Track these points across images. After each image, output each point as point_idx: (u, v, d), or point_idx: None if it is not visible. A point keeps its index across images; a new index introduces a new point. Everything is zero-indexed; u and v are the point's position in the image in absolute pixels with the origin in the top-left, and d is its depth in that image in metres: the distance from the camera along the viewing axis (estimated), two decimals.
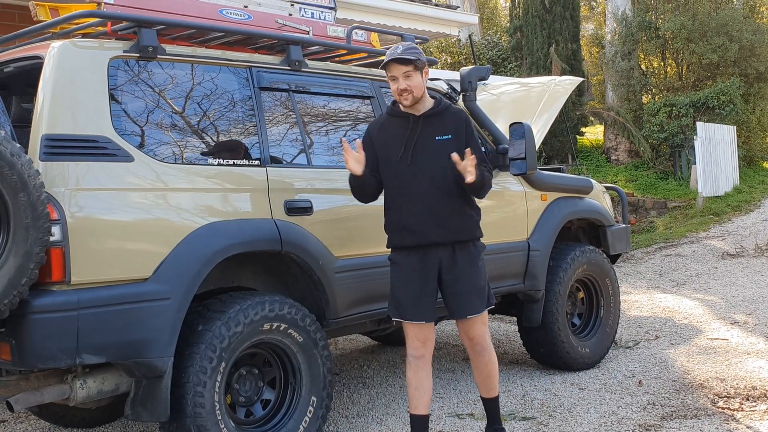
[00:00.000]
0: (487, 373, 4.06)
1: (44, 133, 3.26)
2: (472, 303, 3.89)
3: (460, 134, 3.88)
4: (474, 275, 3.89)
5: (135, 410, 3.51)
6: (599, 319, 5.90)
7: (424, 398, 3.91)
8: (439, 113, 3.90)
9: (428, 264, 3.85)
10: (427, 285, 3.86)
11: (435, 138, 3.86)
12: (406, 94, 3.80)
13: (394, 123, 3.93)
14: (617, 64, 17.29)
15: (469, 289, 3.88)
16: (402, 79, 3.79)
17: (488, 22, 26.54)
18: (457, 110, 3.97)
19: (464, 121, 3.93)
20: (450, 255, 3.86)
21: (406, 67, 3.77)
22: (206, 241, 3.57)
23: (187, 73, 3.85)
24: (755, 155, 17.44)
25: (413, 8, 10.50)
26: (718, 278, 9.43)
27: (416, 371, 3.91)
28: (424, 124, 3.88)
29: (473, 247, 3.93)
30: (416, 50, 3.81)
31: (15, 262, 3.00)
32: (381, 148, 3.93)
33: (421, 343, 3.89)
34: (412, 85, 3.79)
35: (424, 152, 3.85)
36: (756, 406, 4.73)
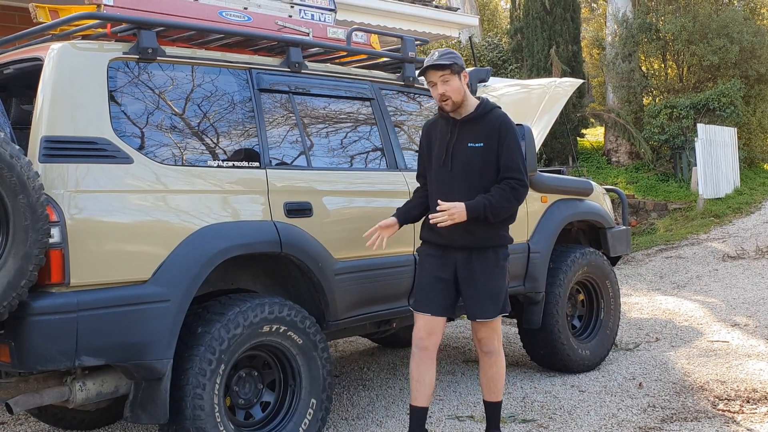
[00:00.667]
0: (491, 376, 4.08)
1: (44, 134, 3.26)
2: (484, 308, 3.95)
3: (494, 142, 3.88)
4: (489, 281, 3.94)
5: (134, 412, 3.51)
6: (599, 322, 5.90)
7: (424, 391, 3.97)
8: (477, 119, 3.92)
9: (446, 263, 3.96)
10: (440, 282, 3.95)
11: (468, 144, 3.90)
12: (446, 99, 3.87)
13: (440, 124, 4.03)
14: (618, 66, 17.28)
15: (482, 293, 3.93)
16: (440, 83, 3.85)
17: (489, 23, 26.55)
18: (497, 117, 3.93)
19: (500, 128, 3.89)
20: (466, 258, 3.93)
21: (442, 72, 3.82)
22: (206, 243, 3.57)
23: (186, 74, 3.85)
24: (756, 157, 17.43)
25: (413, 10, 10.50)
26: (719, 280, 9.42)
27: (419, 363, 3.96)
28: (461, 128, 3.93)
29: (492, 254, 3.96)
30: (452, 55, 3.86)
31: (14, 264, 3.00)
32: (426, 147, 4.08)
33: (426, 334, 3.96)
34: (450, 89, 3.84)
35: (458, 157, 3.91)
36: (756, 409, 4.73)
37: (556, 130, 15.29)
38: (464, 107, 3.93)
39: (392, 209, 4.43)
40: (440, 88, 3.86)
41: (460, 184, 3.89)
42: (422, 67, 3.90)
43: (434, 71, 3.84)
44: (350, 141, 4.53)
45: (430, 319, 3.96)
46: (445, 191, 3.91)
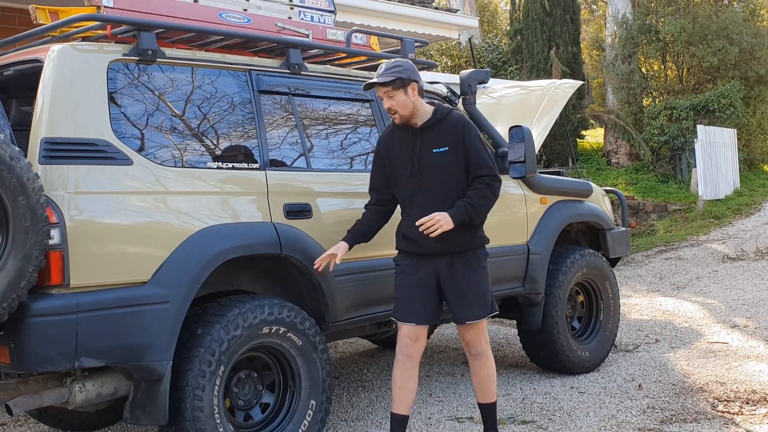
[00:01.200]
0: (483, 378, 4.08)
1: (43, 136, 3.26)
2: (471, 310, 3.93)
3: (458, 144, 3.87)
4: (473, 283, 3.92)
5: (134, 414, 3.51)
6: (599, 323, 5.90)
7: (406, 398, 3.98)
8: (436, 124, 3.91)
9: (425, 271, 3.93)
10: (422, 290, 3.93)
11: (432, 151, 3.88)
12: (392, 113, 3.88)
13: (399, 135, 3.98)
14: (617, 67, 17.30)
15: (468, 296, 3.92)
16: (385, 98, 3.85)
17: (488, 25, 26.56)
18: (455, 119, 3.92)
19: (461, 129, 3.89)
20: (448, 264, 3.91)
21: (385, 88, 3.82)
22: (205, 245, 3.57)
23: (186, 76, 3.85)
24: (756, 158, 17.44)
25: (413, 11, 10.51)
26: (719, 282, 9.42)
27: (403, 370, 3.97)
28: (422, 136, 3.90)
29: (473, 255, 3.95)
30: (398, 68, 3.82)
31: (14, 266, 3.00)
32: (387, 161, 4.01)
33: (411, 341, 3.96)
34: (396, 104, 3.83)
35: (424, 165, 3.88)
36: (756, 410, 4.73)
37: (556, 131, 15.30)
38: (419, 116, 3.90)
39: None
40: (386, 103, 3.85)
41: (435, 192, 3.87)
42: (367, 83, 3.90)
43: (378, 87, 3.84)
44: (350, 142, 4.54)
45: (414, 328, 3.95)
46: (422, 201, 3.88)
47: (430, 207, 3.84)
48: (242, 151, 3.95)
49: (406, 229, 3.95)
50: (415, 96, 3.87)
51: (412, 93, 3.85)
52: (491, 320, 7.78)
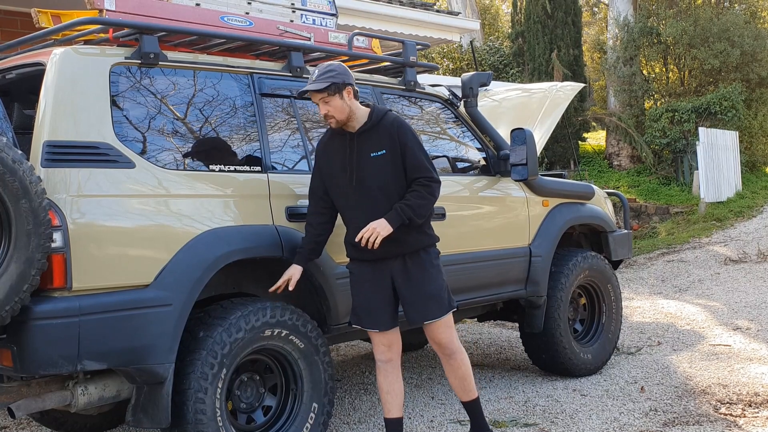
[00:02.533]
0: (461, 375, 4.04)
1: (46, 139, 3.27)
2: (428, 309, 3.88)
3: (395, 146, 3.80)
4: (427, 281, 3.87)
5: (136, 416, 3.51)
6: (601, 325, 5.89)
7: (396, 401, 3.98)
8: (372, 128, 3.84)
9: (380, 275, 3.89)
10: (380, 295, 3.90)
11: (370, 155, 3.81)
12: (329, 119, 3.80)
13: (335, 141, 3.91)
14: (619, 70, 17.30)
15: (423, 295, 3.87)
16: (321, 105, 3.78)
17: (490, 27, 26.58)
18: (390, 121, 3.84)
19: (397, 131, 3.81)
20: (401, 265, 3.87)
21: (320, 95, 3.74)
22: (207, 248, 3.57)
23: (188, 79, 3.86)
24: (757, 161, 17.42)
25: (415, 14, 10.52)
26: (721, 284, 9.41)
27: (386, 375, 3.97)
28: (359, 141, 3.84)
29: (424, 254, 3.90)
30: (331, 73, 3.72)
31: (17, 269, 3.00)
32: (324, 166, 3.92)
33: (386, 348, 3.96)
34: (332, 109, 3.76)
35: (363, 170, 3.82)
36: (758, 413, 4.72)
37: (558, 134, 15.30)
38: (355, 119, 3.82)
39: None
40: (322, 109, 3.78)
41: (375, 196, 3.80)
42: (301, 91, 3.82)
43: (313, 94, 3.75)
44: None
45: (384, 333, 3.94)
46: (362, 206, 3.82)
47: (377, 211, 3.78)
48: (244, 154, 3.96)
49: (351, 236, 3.88)
50: (351, 99, 3.79)
51: (348, 97, 3.77)
52: (493, 323, 7.78)
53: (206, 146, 3.85)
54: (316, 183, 3.95)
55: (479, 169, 5.19)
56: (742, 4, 18.86)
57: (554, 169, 15.85)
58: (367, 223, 3.78)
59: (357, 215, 3.85)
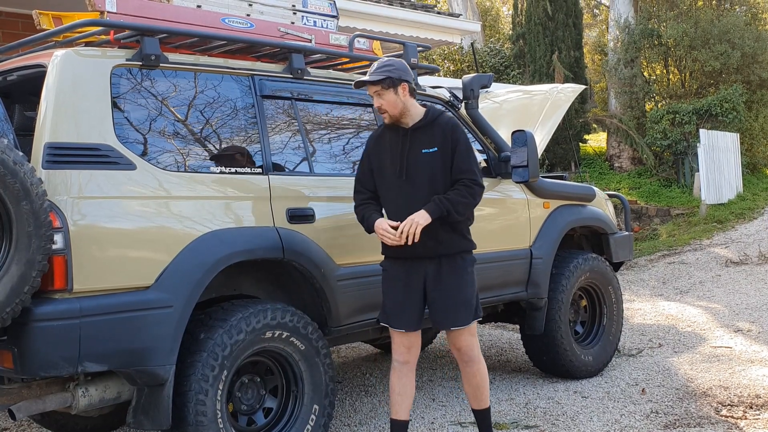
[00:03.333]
0: (476, 384, 4.04)
1: (47, 141, 3.27)
2: (458, 315, 3.88)
3: (447, 145, 3.84)
4: (460, 287, 3.87)
5: (137, 418, 3.51)
6: (602, 327, 5.89)
7: (406, 403, 3.96)
8: (427, 125, 3.88)
9: (413, 275, 3.88)
10: (411, 295, 3.89)
11: (422, 151, 3.85)
12: (382, 112, 3.86)
13: (389, 135, 3.95)
14: (620, 72, 17.30)
15: (455, 301, 3.87)
16: (375, 98, 3.84)
17: (491, 29, 26.59)
18: (446, 121, 3.90)
19: (451, 131, 3.86)
20: (436, 268, 3.86)
21: (375, 87, 3.80)
22: (208, 249, 3.57)
23: (189, 81, 3.86)
24: (758, 163, 17.42)
25: (416, 16, 10.53)
26: (722, 286, 9.40)
27: (400, 377, 3.95)
28: (412, 137, 3.87)
29: (460, 260, 3.90)
30: (388, 68, 3.79)
31: (17, 270, 3.00)
32: (375, 160, 3.97)
33: (406, 349, 3.94)
34: (385, 103, 3.81)
35: (413, 165, 3.85)
36: (760, 415, 4.71)
37: (559, 135, 15.31)
38: (409, 116, 3.87)
39: None
40: (375, 102, 3.83)
41: (421, 192, 3.82)
42: (357, 81, 3.88)
43: (369, 86, 3.82)
44: (352, 147, 4.54)
45: (408, 334, 3.92)
46: (407, 201, 3.83)
47: (420, 206, 3.78)
48: (245, 156, 3.96)
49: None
50: (406, 96, 3.84)
51: (402, 93, 3.82)
52: (493, 325, 7.77)
53: (207, 148, 3.85)
54: (366, 176, 4.00)
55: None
56: (743, 5, 18.84)
57: (555, 171, 15.86)
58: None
59: (400, 208, 3.86)
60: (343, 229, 4.22)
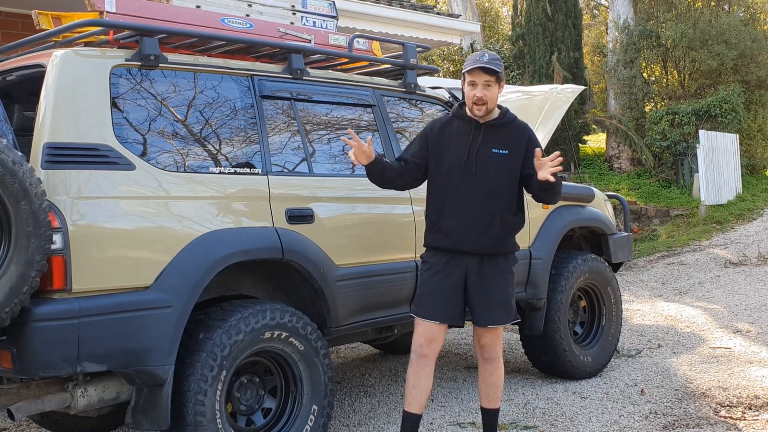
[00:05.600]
0: (492, 382, 4.06)
1: (46, 141, 3.27)
2: (495, 314, 3.92)
3: (519, 151, 3.87)
4: (500, 286, 3.92)
5: (136, 418, 3.51)
6: (601, 328, 5.89)
7: (420, 397, 3.94)
8: (503, 125, 3.91)
9: (454, 269, 3.90)
10: (448, 288, 3.89)
11: (492, 150, 3.87)
12: (480, 104, 3.83)
13: (458, 125, 3.95)
14: (619, 73, 17.31)
15: (495, 300, 3.91)
16: (481, 87, 3.81)
17: (490, 30, 26.58)
18: (522, 125, 3.95)
19: (527, 137, 3.90)
20: (477, 265, 3.89)
21: (489, 77, 3.80)
22: (207, 250, 3.57)
23: (189, 81, 3.86)
24: (757, 164, 17.43)
25: (415, 17, 10.52)
26: (721, 287, 9.41)
27: (416, 370, 3.94)
28: (485, 132, 3.89)
29: (504, 260, 3.94)
30: (500, 62, 3.83)
31: (16, 270, 3.00)
32: (436, 146, 3.96)
33: (427, 341, 3.92)
34: (489, 96, 3.82)
35: (480, 161, 3.86)
36: (759, 416, 4.72)
37: (558, 136, 15.30)
38: (490, 113, 3.92)
39: (394, 215, 4.45)
40: (480, 92, 3.80)
41: (483, 188, 3.85)
42: (470, 66, 3.81)
43: (481, 73, 3.79)
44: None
45: (432, 327, 3.92)
46: (468, 193, 3.86)
47: (474, 204, 3.83)
48: (244, 156, 3.96)
49: (440, 222, 3.91)
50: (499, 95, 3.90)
51: (501, 90, 3.88)
52: None
53: (206, 148, 3.85)
54: (416, 151, 3.99)
55: None
56: (742, 6, 18.86)
57: None
58: (458, 214, 3.83)
59: (450, 201, 3.87)
60: (342, 229, 4.22)
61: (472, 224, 3.86)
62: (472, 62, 3.82)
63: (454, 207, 3.87)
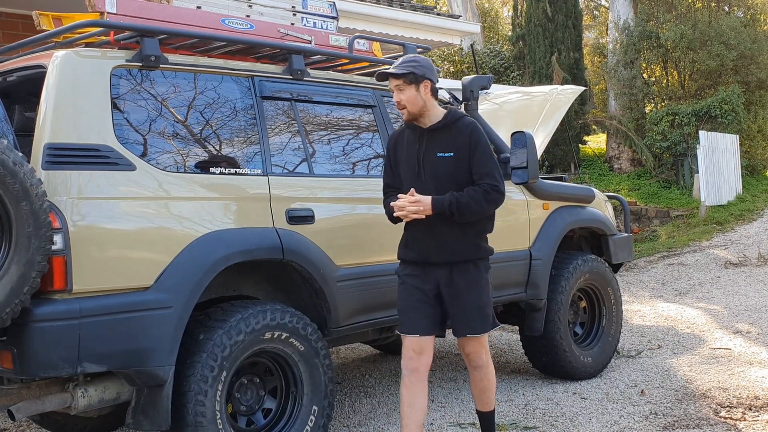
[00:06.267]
0: (482, 388, 4.03)
1: (47, 141, 3.27)
2: (472, 324, 3.83)
3: (464, 152, 3.75)
4: (472, 295, 3.80)
5: (136, 419, 3.51)
6: (601, 329, 5.89)
7: (416, 417, 3.75)
8: (445, 127, 3.79)
9: (426, 281, 3.81)
10: (422, 299, 3.80)
11: (437, 154, 3.77)
12: (400, 108, 3.79)
13: (408, 135, 3.90)
14: (619, 73, 17.32)
15: (469, 310, 3.81)
16: (396, 91, 3.77)
17: (490, 30, 26.58)
18: (466, 125, 3.79)
19: (470, 137, 3.75)
20: (447, 275, 3.79)
21: (396, 81, 3.74)
22: (208, 250, 3.58)
23: (189, 82, 3.86)
24: (757, 164, 17.44)
25: (416, 17, 10.53)
26: (721, 287, 9.41)
27: (409, 387, 3.78)
28: (429, 138, 3.80)
29: (473, 267, 3.82)
30: (413, 63, 3.74)
31: (17, 271, 3.01)
32: (394, 160, 3.94)
33: (416, 354, 3.79)
34: (405, 98, 3.74)
35: (427, 168, 3.78)
36: (758, 416, 4.72)
37: (558, 137, 15.31)
38: (428, 116, 3.79)
39: None
40: (395, 96, 3.77)
41: (439, 194, 3.72)
42: (381, 72, 3.80)
43: (391, 79, 3.76)
44: (352, 148, 4.54)
45: (418, 339, 3.79)
46: None
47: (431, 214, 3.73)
48: (245, 157, 3.96)
49: (406, 235, 3.89)
50: (427, 95, 3.77)
51: (424, 91, 3.75)
52: None
53: (207, 149, 3.85)
54: (389, 175, 3.97)
55: None
56: (742, 7, 18.86)
57: (555, 172, 15.87)
58: (419, 225, 3.75)
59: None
60: (342, 230, 4.22)
61: (431, 234, 3.76)
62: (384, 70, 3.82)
63: (415, 219, 3.74)
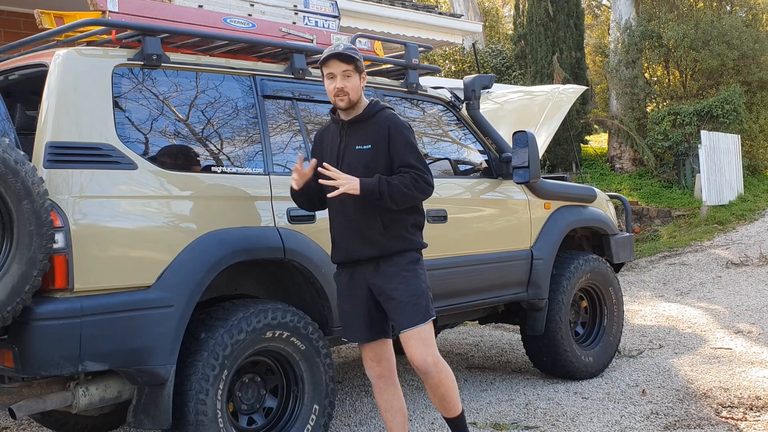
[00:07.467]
0: (441, 395, 3.69)
1: (48, 140, 3.27)
2: (404, 315, 3.54)
3: (381, 145, 3.55)
4: (403, 285, 3.55)
5: (137, 418, 3.52)
6: (603, 328, 5.89)
7: (396, 420, 3.75)
8: (365, 120, 3.61)
9: (356, 283, 3.65)
10: (356, 304, 3.66)
11: (356, 147, 3.59)
12: (342, 95, 3.54)
13: (332, 130, 3.74)
14: (621, 73, 17.31)
15: (400, 301, 3.54)
16: (340, 78, 3.52)
17: (492, 30, 26.58)
18: (386, 117, 3.60)
19: (388, 130, 3.55)
20: (374, 271, 3.60)
21: (346, 66, 3.51)
22: (209, 249, 3.58)
23: (191, 81, 3.86)
24: (759, 164, 17.42)
25: (417, 17, 10.52)
26: (722, 287, 9.40)
27: (381, 392, 3.76)
28: (349, 131, 3.63)
29: (399, 258, 3.58)
30: (358, 52, 3.59)
31: (18, 269, 3.01)
32: (320, 155, 3.73)
33: (374, 362, 3.73)
34: (350, 86, 3.53)
35: (347, 162, 3.59)
36: (760, 416, 4.71)
37: (560, 136, 15.30)
38: (355, 109, 3.61)
39: None
40: (339, 83, 3.50)
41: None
42: (324, 56, 3.54)
43: (338, 62, 3.50)
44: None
45: (370, 347, 3.71)
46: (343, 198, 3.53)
47: (351, 208, 3.56)
48: (246, 156, 3.96)
49: (332, 235, 3.71)
50: (362, 86, 3.62)
51: (362, 82, 3.60)
52: (494, 325, 7.77)
53: (208, 148, 3.85)
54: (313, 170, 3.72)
55: (481, 172, 5.20)
56: (744, 7, 18.84)
57: (556, 172, 15.85)
58: (341, 222, 3.61)
59: (335, 208, 3.66)
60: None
61: (353, 230, 3.59)
62: (328, 52, 3.55)
63: (336, 215, 3.64)
